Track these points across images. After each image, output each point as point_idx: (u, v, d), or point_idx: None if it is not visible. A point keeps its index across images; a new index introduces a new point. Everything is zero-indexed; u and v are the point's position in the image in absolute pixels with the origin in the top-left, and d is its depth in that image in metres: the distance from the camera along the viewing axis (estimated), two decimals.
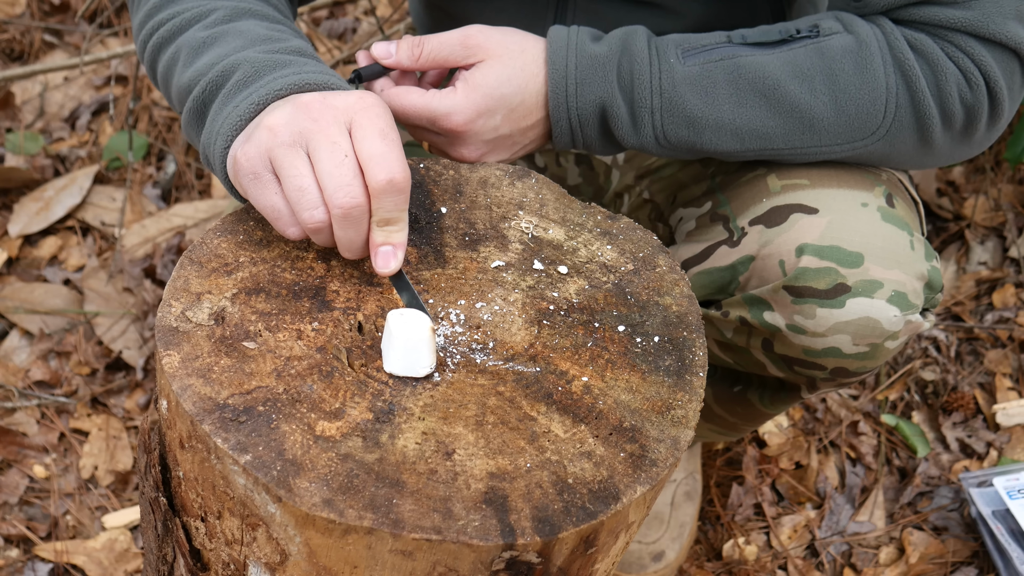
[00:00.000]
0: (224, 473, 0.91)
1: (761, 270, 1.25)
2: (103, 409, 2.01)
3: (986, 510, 1.82)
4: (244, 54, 1.11)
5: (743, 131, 1.22)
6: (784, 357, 1.31)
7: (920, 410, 2.07)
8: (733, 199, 1.31)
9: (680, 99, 1.20)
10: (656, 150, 1.24)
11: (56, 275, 2.21)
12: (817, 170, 1.26)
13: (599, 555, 0.95)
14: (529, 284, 1.09)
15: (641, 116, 1.21)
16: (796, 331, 1.25)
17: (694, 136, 1.22)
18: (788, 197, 1.25)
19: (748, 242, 1.27)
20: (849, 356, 1.26)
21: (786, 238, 1.23)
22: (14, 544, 1.84)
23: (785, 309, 1.24)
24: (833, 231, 1.21)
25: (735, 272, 1.28)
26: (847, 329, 1.23)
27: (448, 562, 0.88)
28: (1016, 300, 2.21)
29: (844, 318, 1.22)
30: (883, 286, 1.21)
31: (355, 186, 0.98)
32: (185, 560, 1.01)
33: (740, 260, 1.27)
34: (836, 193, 1.24)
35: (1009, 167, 2.35)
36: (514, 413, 0.96)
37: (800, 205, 1.24)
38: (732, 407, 1.55)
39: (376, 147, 0.99)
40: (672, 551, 1.80)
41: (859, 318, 1.22)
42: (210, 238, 1.07)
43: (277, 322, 1.00)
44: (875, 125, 1.21)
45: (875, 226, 1.22)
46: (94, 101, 2.54)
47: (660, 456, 0.95)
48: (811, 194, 1.24)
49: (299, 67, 1.10)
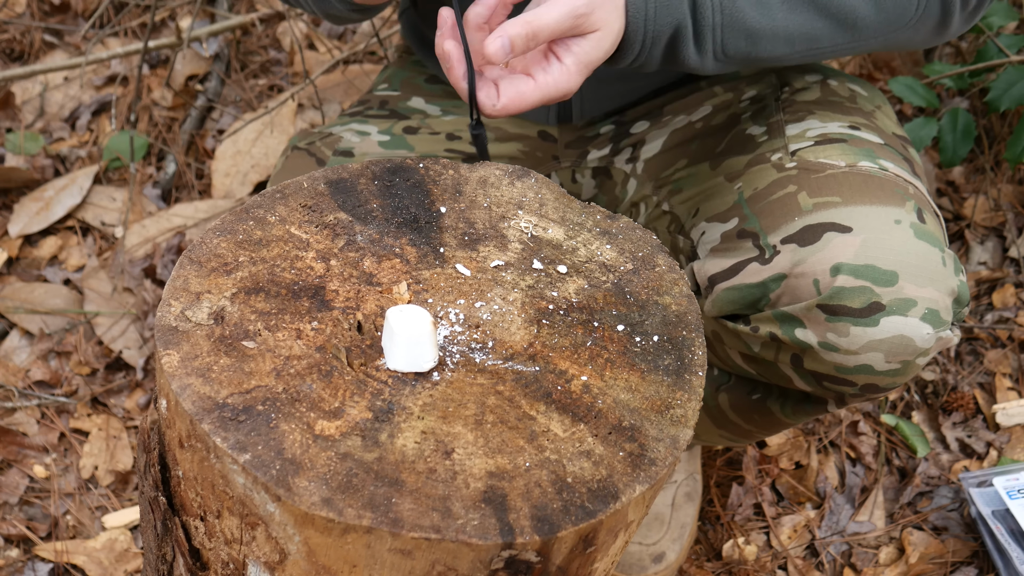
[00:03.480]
0: (223, 472, 0.91)
1: (794, 288, 1.25)
2: (103, 409, 2.01)
3: (986, 510, 1.82)
4: None
5: (794, 36, 1.26)
6: (813, 373, 1.30)
7: (920, 410, 2.07)
8: (763, 216, 1.31)
9: (739, 13, 1.22)
10: (712, 67, 1.27)
11: (56, 275, 2.21)
12: (848, 186, 1.27)
13: (598, 554, 0.95)
14: (528, 283, 1.09)
15: (704, 34, 1.23)
16: (828, 348, 1.25)
17: (750, 47, 1.25)
18: (821, 215, 1.25)
19: (780, 260, 1.26)
20: (880, 373, 1.26)
21: (820, 257, 1.23)
22: (14, 544, 1.84)
23: (818, 327, 1.25)
24: (868, 249, 1.22)
25: (766, 289, 1.28)
26: (880, 347, 1.23)
27: (447, 561, 0.88)
28: (1016, 300, 2.21)
29: (878, 336, 1.22)
30: (917, 304, 1.21)
31: None
32: (184, 559, 1.01)
33: (772, 278, 1.27)
34: (869, 210, 1.24)
35: (1009, 167, 2.35)
36: (513, 412, 0.96)
37: (833, 224, 1.24)
38: (750, 415, 1.53)
39: None
40: (672, 552, 1.80)
41: (893, 336, 1.22)
42: (209, 238, 1.07)
43: (276, 321, 1.00)
44: (908, 17, 1.27)
45: (909, 243, 1.22)
46: (94, 101, 2.54)
47: (659, 455, 0.95)
48: (844, 212, 1.24)
49: None
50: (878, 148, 1.35)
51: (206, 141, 2.47)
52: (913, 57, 2.57)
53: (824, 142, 1.35)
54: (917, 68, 2.52)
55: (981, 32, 2.25)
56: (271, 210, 1.11)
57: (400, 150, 1.56)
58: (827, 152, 1.33)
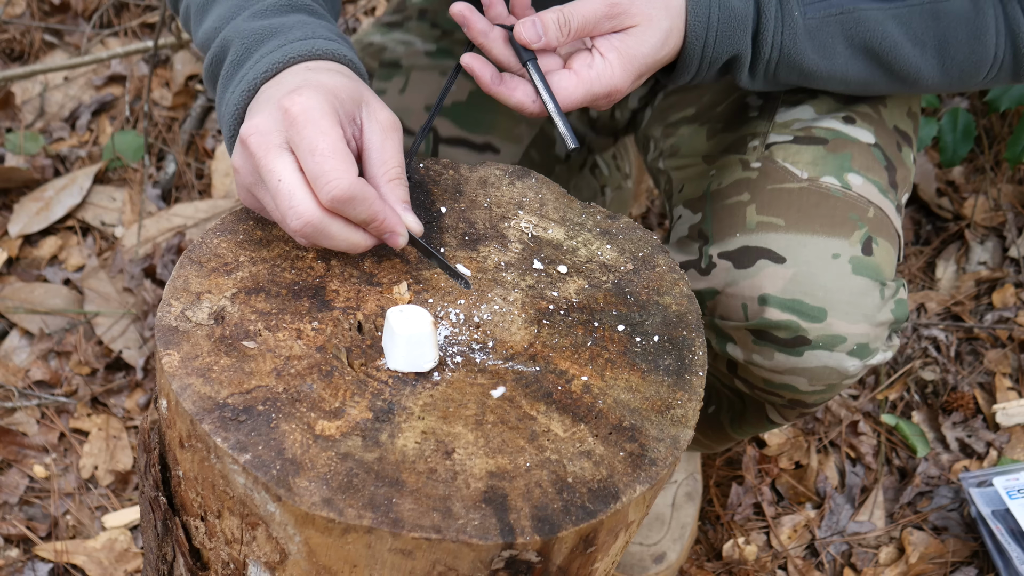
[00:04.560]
0: (224, 472, 0.91)
1: (725, 306, 1.26)
2: (103, 409, 2.01)
3: (986, 510, 1.82)
4: (234, 25, 1.11)
5: (851, 81, 1.25)
6: (746, 380, 1.34)
7: (920, 410, 2.07)
8: (716, 219, 1.31)
9: (798, 53, 1.21)
10: (761, 87, 1.26)
11: (56, 275, 2.21)
12: (797, 209, 1.25)
13: (599, 554, 0.95)
14: (529, 284, 1.09)
15: (758, 66, 1.22)
16: (755, 366, 1.28)
17: (803, 81, 1.25)
18: (759, 238, 1.24)
19: (716, 276, 1.27)
20: (805, 392, 1.29)
21: (751, 284, 1.23)
22: (14, 544, 1.84)
23: (746, 347, 1.27)
24: (798, 284, 1.21)
25: (703, 297, 1.29)
26: (804, 374, 1.25)
27: (448, 561, 0.88)
28: (1016, 300, 2.21)
29: (802, 364, 1.24)
30: (846, 340, 1.22)
31: (295, 208, 0.97)
32: (185, 559, 1.01)
33: (707, 290, 1.28)
34: (808, 240, 1.22)
35: (1009, 167, 2.35)
36: (514, 412, 0.96)
37: (769, 251, 1.23)
38: (704, 429, 1.56)
39: (311, 166, 0.97)
40: (673, 552, 1.80)
41: (818, 367, 1.24)
42: (210, 238, 1.07)
43: (277, 321, 1.00)
44: (973, 83, 1.26)
45: (844, 280, 1.21)
46: (94, 101, 2.54)
47: (660, 455, 0.95)
48: (783, 239, 1.23)
49: (280, 40, 1.09)
50: (859, 153, 1.31)
51: (206, 141, 2.47)
52: None
53: (803, 141, 1.32)
54: None
55: None
56: None
57: (446, 60, 1.55)
58: (798, 156, 1.30)
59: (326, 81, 1.03)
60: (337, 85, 1.03)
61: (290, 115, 0.98)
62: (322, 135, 0.97)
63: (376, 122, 1.04)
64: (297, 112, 0.98)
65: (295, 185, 0.97)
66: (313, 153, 0.96)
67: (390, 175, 1.03)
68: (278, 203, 0.98)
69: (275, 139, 0.99)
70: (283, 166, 0.98)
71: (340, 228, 0.99)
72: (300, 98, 0.99)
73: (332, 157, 0.96)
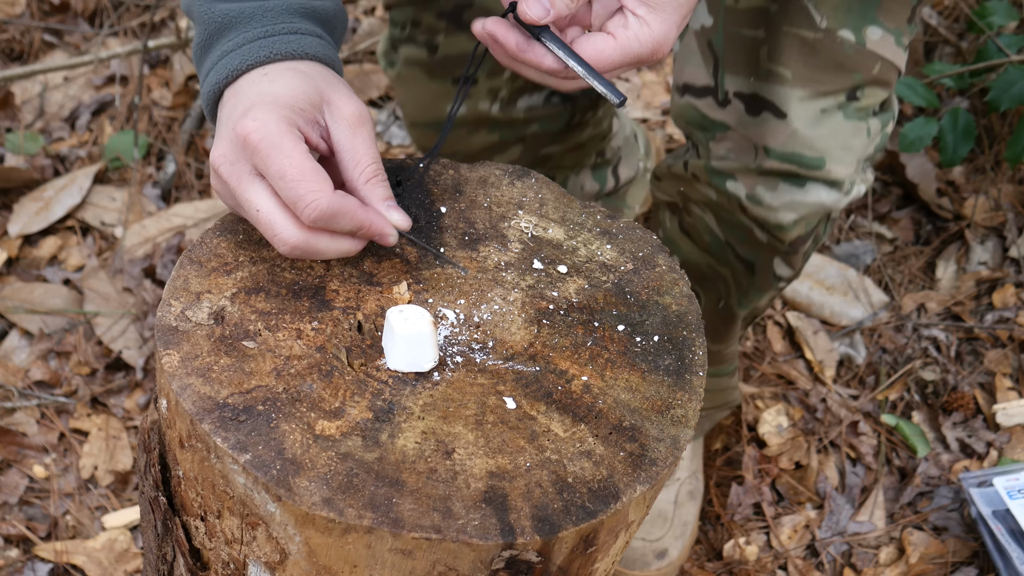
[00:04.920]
0: (224, 472, 0.91)
1: (734, 143, 1.35)
2: (103, 409, 2.01)
3: (986, 510, 1.82)
4: (199, 4, 1.08)
5: None
6: (731, 225, 1.48)
7: (920, 410, 2.07)
8: (729, 44, 1.35)
9: None
10: None
11: (56, 275, 2.21)
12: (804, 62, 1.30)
13: (599, 554, 0.95)
14: (529, 283, 1.09)
15: None
16: (754, 202, 1.39)
17: None
18: (767, 88, 1.32)
19: (728, 113, 1.35)
20: (791, 228, 1.43)
21: (756, 132, 1.33)
22: (14, 544, 1.84)
23: (748, 181, 1.36)
24: (797, 140, 1.32)
25: (715, 127, 1.37)
26: (799, 209, 1.38)
27: (448, 561, 0.88)
28: (1016, 300, 2.21)
29: (801, 198, 1.37)
30: (843, 182, 1.37)
31: (279, 235, 0.98)
32: (185, 559, 1.01)
33: (720, 123, 1.36)
34: (806, 97, 1.31)
35: (1009, 167, 2.35)
36: (514, 412, 0.96)
37: (772, 104, 1.32)
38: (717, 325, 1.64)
39: (286, 192, 0.97)
40: (675, 549, 1.81)
41: (814, 202, 1.38)
42: (209, 237, 1.07)
43: (277, 321, 1.00)
44: None
45: (837, 128, 1.32)
46: (94, 101, 2.54)
47: (660, 455, 0.95)
48: (784, 93, 1.31)
49: (237, 38, 1.06)
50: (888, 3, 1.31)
51: (206, 141, 2.47)
52: (913, 57, 2.57)
53: None
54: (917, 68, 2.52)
55: (981, 32, 2.26)
56: None
57: None
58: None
59: (280, 91, 1.01)
60: (294, 92, 1.01)
61: (249, 144, 0.97)
62: (286, 158, 0.96)
63: (342, 120, 1.02)
64: (256, 140, 0.97)
65: (273, 213, 0.98)
66: (283, 179, 0.96)
67: (366, 175, 1.02)
68: (262, 232, 0.99)
69: (243, 168, 0.98)
70: (258, 196, 0.98)
71: (327, 242, 1.00)
72: (254, 124, 0.97)
73: (303, 179, 0.96)
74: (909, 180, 2.37)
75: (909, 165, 2.37)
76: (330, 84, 1.04)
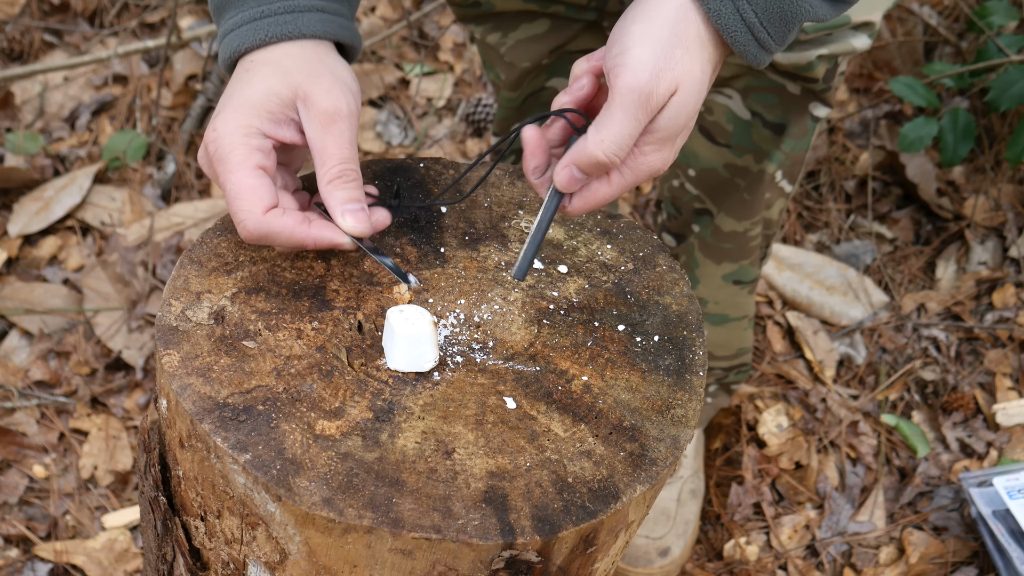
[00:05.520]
0: (224, 472, 0.90)
1: None
2: (103, 409, 2.01)
3: (986, 510, 1.82)
4: None
5: None
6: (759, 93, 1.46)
7: (920, 410, 2.07)
8: None
9: None
10: None
11: (56, 275, 2.21)
12: None
13: (599, 554, 0.95)
14: (529, 283, 1.09)
15: None
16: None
17: None
18: None
19: None
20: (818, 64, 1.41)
21: None
22: (14, 544, 1.84)
23: None
24: None
25: None
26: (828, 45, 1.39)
27: (448, 561, 0.88)
28: (1016, 300, 2.21)
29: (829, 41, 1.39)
30: (872, 27, 1.40)
31: (242, 228, 1.00)
32: (185, 559, 1.01)
33: None
34: None
35: (1009, 167, 2.35)
36: (514, 412, 0.96)
37: None
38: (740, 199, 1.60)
39: (228, 205, 1.00)
40: (678, 547, 1.81)
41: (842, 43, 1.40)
42: (210, 237, 1.07)
43: (277, 321, 1.00)
44: None
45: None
46: (94, 101, 2.54)
47: (660, 455, 0.95)
48: None
49: (235, 17, 1.06)
50: None
51: None
52: (913, 57, 2.57)
53: None
54: (917, 68, 2.52)
55: (981, 32, 2.25)
56: None
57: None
58: None
59: (252, 93, 1.02)
60: (266, 92, 1.02)
61: (207, 151, 1.01)
62: (230, 173, 0.99)
63: (314, 117, 1.02)
64: (212, 150, 1.00)
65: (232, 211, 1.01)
66: (225, 193, 1.00)
67: (330, 175, 1.01)
68: None
69: (209, 168, 1.03)
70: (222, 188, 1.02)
71: (280, 243, 1.02)
72: (213, 134, 1.00)
73: (236, 198, 0.99)
74: (909, 180, 2.37)
75: (909, 165, 2.37)
76: (311, 76, 1.03)
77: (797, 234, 2.34)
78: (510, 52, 1.58)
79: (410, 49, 2.71)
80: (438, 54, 2.69)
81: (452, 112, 2.59)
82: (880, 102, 2.50)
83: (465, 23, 1.60)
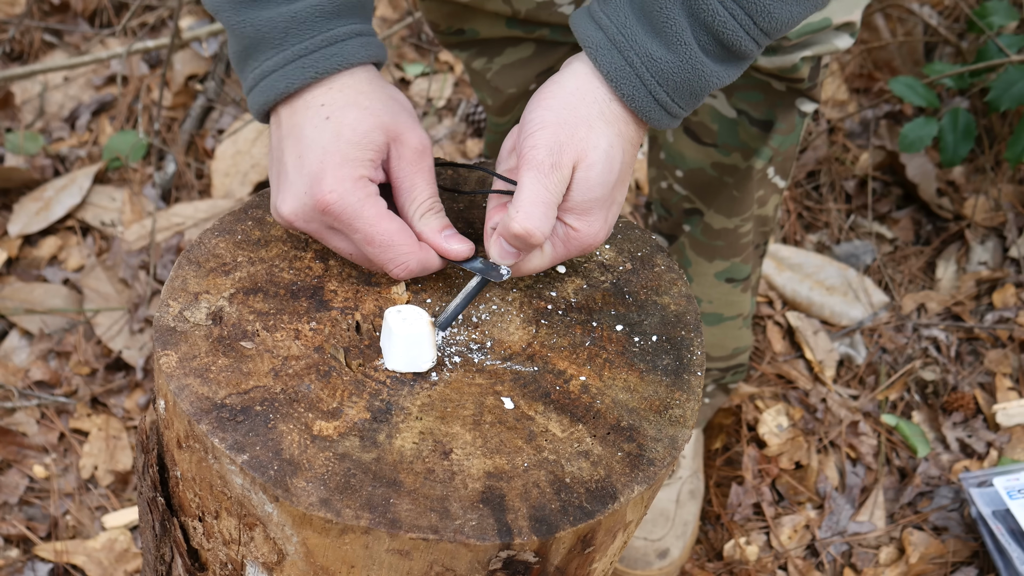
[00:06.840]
0: (221, 473, 0.90)
1: None
2: (103, 409, 2.01)
3: (986, 510, 1.82)
4: (226, 13, 1.04)
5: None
6: (744, 91, 1.45)
7: (920, 410, 2.07)
8: None
9: None
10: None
11: (56, 275, 2.21)
12: None
13: (596, 554, 0.95)
14: (527, 283, 1.09)
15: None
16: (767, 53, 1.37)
17: None
18: None
19: None
20: (802, 65, 1.41)
21: None
22: (14, 544, 1.84)
23: None
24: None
25: None
26: (812, 47, 1.39)
27: (445, 561, 0.88)
28: (1016, 300, 2.21)
29: (813, 41, 1.38)
30: (854, 26, 1.39)
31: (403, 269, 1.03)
32: (183, 560, 1.01)
33: None
34: None
35: (1009, 167, 2.35)
36: (511, 412, 0.96)
37: None
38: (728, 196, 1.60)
39: (374, 255, 1.02)
40: (677, 548, 1.81)
41: (825, 44, 1.40)
42: (208, 238, 1.07)
43: (275, 322, 1.00)
44: None
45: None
46: (94, 101, 2.54)
47: (658, 455, 0.95)
48: None
49: (277, 56, 1.03)
50: None
51: (206, 141, 2.47)
52: (913, 57, 2.57)
53: None
54: (917, 68, 2.52)
55: (981, 32, 2.25)
56: (270, 210, 1.11)
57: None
58: None
59: (348, 139, 1.00)
60: (361, 139, 1.01)
61: (330, 212, 1.00)
62: (371, 227, 1.00)
63: (404, 155, 1.04)
64: (337, 211, 0.99)
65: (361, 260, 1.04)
66: (371, 244, 1.01)
67: (422, 209, 1.05)
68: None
69: (320, 224, 1.02)
70: (344, 243, 1.03)
71: (433, 268, 1.06)
72: (332, 195, 0.99)
73: (392, 245, 1.01)
74: (909, 180, 2.37)
75: (909, 165, 2.37)
76: (394, 116, 1.04)
77: (797, 234, 2.34)
78: (496, 78, 1.59)
79: (410, 49, 2.71)
80: (438, 54, 2.69)
81: (452, 112, 2.59)
82: (880, 102, 2.50)
83: (450, 49, 1.60)
